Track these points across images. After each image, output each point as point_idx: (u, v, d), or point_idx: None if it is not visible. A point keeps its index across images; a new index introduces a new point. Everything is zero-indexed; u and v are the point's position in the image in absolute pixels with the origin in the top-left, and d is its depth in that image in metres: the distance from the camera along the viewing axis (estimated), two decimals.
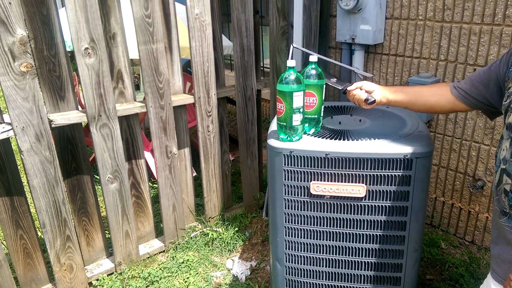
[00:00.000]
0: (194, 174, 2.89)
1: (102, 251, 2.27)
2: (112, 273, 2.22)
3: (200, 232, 2.49)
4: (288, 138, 1.50)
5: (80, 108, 1.99)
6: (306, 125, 1.59)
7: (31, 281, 2.02)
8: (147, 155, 3.00)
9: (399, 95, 1.39)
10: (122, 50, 2.05)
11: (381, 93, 1.41)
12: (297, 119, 1.47)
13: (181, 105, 2.30)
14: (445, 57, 2.18)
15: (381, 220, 1.50)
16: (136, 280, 2.16)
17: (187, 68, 4.71)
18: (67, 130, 1.99)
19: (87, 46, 1.84)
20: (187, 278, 2.16)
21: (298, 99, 1.44)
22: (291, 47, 2.42)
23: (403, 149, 1.40)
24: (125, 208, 2.18)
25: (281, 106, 1.46)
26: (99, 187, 2.12)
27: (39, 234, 2.09)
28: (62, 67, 1.87)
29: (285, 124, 1.48)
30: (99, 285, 2.14)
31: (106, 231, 2.28)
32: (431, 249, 2.24)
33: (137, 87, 3.99)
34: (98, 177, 2.08)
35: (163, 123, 2.20)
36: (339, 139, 1.50)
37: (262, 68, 4.00)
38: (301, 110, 1.46)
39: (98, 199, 2.21)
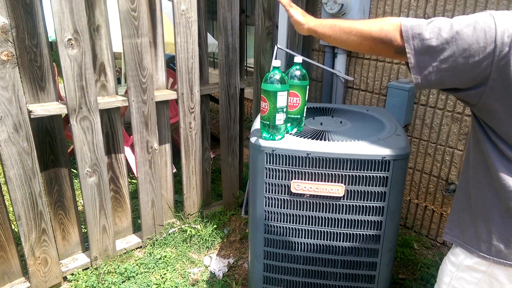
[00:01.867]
0: (174, 170, 2.88)
1: (78, 245, 2.24)
2: (88, 268, 2.19)
3: (179, 229, 2.48)
4: (271, 137, 1.53)
5: (59, 101, 1.96)
6: (289, 124, 1.62)
7: (3, 274, 1.98)
8: (127, 150, 2.97)
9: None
10: (106, 43, 2.03)
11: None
12: (280, 118, 1.49)
13: (163, 101, 2.30)
14: None
15: (358, 220, 1.54)
16: (112, 275, 2.14)
17: (169, 64, 4.69)
18: (46, 121, 1.95)
19: (70, 37, 1.82)
20: (164, 274, 2.16)
21: (282, 99, 1.46)
22: (276, 47, 2.46)
23: (381, 151, 1.44)
24: (103, 202, 2.15)
25: (265, 105, 1.48)
26: (77, 180, 2.09)
27: (14, 227, 2.04)
28: (44, 57, 1.84)
29: (268, 123, 1.50)
30: (74, 280, 2.11)
31: (82, 225, 2.25)
32: (404, 250, 2.31)
33: (117, 81, 3.93)
34: (76, 171, 2.05)
35: (145, 118, 2.19)
36: (320, 140, 1.54)
37: (245, 67, 4.02)
38: (285, 109, 1.49)
39: (76, 193, 2.18)
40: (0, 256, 1.94)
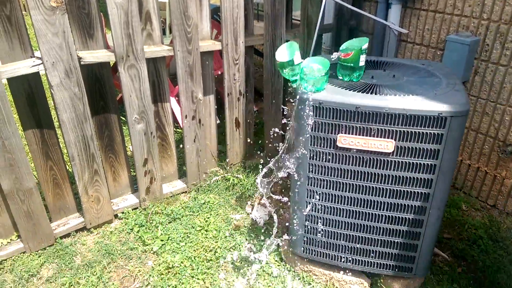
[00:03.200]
0: (218, 122, 2.91)
1: (127, 187, 2.37)
2: (137, 208, 2.33)
3: (222, 177, 2.55)
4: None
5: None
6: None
7: (60, 210, 2.14)
8: (172, 100, 3.01)
9: None
10: None
11: None
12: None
13: (208, 51, 2.27)
14: (488, 16, 2.05)
15: (407, 177, 1.49)
16: (159, 215, 2.26)
17: (213, 15, 4.59)
18: (96, 68, 1.99)
19: None
20: (208, 218, 2.25)
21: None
22: None
23: (438, 107, 1.36)
24: (150, 148, 2.23)
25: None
26: (126, 127, 2.17)
27: (68, 168, 2.18)
28: (91, 5, 1.85)
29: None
30: (124, 218, 2.25)
31: (131, 169, 2.36)
32: (451, 210, 2.25)
33: (163, 32, 3.92)
34: (125, 118, 2.12)
35: (189, 68, 2.19)
36: (371, 93, 1.47)
37: (292, 19, 3.86)
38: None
39: (125, 139, 2.26)
40: (56, 193, 2.09)
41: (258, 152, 2.85)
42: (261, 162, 2.69)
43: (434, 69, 1.71)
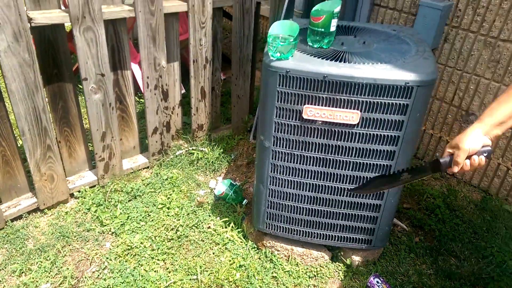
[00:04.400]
0: (183, 91, 2.79)
1: (85, 163, 2.24)
2: (95, 185, 2.22)
3: (186, 151, 2.46)
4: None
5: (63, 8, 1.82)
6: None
7: (11, 189, 1.99)
8: (134, 67, 2.85)
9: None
10: None
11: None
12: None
13: (173, 13, 2.13)
14: None
15: (371, 149, 1.47)
16: (118, 193, 2.17)
17: None
18: (48, 31, 1.82)
19: None
20: (170, 194, 2.18)
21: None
22: None
23: (404, 76, 1.32)
24: (109, 120, 2.10)
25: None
26: (82, 98, 2.02)
27: (19, 144, 2.03)
28: None
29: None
30: (81, 197, 2.14)
31: (89, 144, 2.23)
32: None
33: None
34: (81, 87, 1.97)
35: (152, 31, 2.04)
36: (340, 61, 1.41)
37: None
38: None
39: (82, 111, 2.13)
40: (6, 172, 1.94)
41: (225, 124, 2.77)
42: (228, 135, 2.62)
43: (405, 36, 1.67)
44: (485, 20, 1.99)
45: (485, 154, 1.05)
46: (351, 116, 1.41)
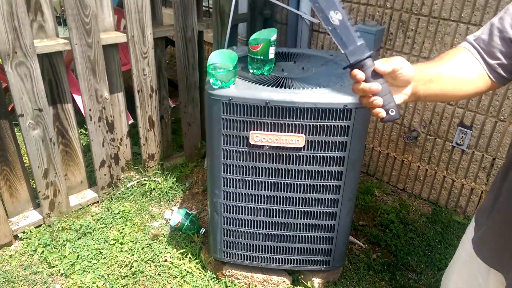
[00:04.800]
0: (131, 121, 2.71)
1: (28, 202, 2.11)
2: (41, 225, 2.08)
3: (137, 182, 2.38)
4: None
5: None
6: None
7: None
8: (78, 99, 2.75)
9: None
10: None
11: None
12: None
13: (112, 44, 2.08)
14: (391, 5, 2.13)
15: (318, 170, 1.49)
16: (67, 232, 2.04)
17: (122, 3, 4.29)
18: None
19: None
20: (123, 229, 2.08)
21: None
22: None
23: (343, 99, 1.36)
24: (51, 156, 2.00)
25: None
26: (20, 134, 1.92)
27: None
28: None
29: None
30: (26, 238, 2.00)
31: (32, 181, 2.10)
32: (365, 197, 2.33)
33: (64, 23, 3.58)
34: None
35: (91, 63, 1.99)
36: (281, 87, 1.43)
37: (207, 8, 3.73)
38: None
39: (21, 147, 2.01)
40: None
41: (177, 152, 2.72)
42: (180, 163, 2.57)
43: (341, 60, 1.72)
44: (415, 42, 2.10)
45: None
46: (296, 140, 1.43)
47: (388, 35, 2.19)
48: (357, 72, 0.79)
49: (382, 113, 0.80)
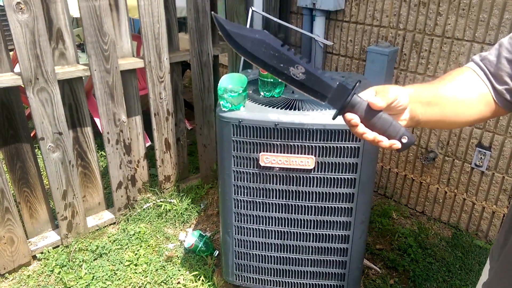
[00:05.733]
0: (149, 143, 2.77)
1: (47, 223, 2.16)
2: (58, 246, 2.12)
3: (153, 204, 2.41)
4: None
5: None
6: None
7: None
8: (98, 121, 2.84)
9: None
10: (62, 7, 1.86)
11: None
12: None
13: (130, 70, 2.15)
14: (404, 26, 2.13)
15: (329, 192, 1.47)
16: (83, 253, 2.07)
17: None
18: (2, 94, 1.81)
19: (19, 0, 1.65)
20: (138, 250, 2.10)
21: None
22: (250, 10, 2.30)
23: None
24: (70, 178, 2.05)
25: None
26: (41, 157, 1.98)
27: None
28: None
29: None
30: (44, 258, 2.04)
31: (51, 202, 2.16)
32: (382, 220, 2.27)
33: (83, 50, 3.73)
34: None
35: (109, 88, 2.06)
36: (291, 109, 1.44)
37: (219, 32, 3.83)
38: None
39: (41, 169, 2.07)
40: None
41: (194, 174, 2.74)
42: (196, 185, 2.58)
43: (353, 81, 1.72)
44: (429, 62, 2.08)
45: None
46: (306, 161, 1.42)
47: (401, 56, 2.18)
48: (350, 117, 0.69)
49: (396, 144, 0.70)
